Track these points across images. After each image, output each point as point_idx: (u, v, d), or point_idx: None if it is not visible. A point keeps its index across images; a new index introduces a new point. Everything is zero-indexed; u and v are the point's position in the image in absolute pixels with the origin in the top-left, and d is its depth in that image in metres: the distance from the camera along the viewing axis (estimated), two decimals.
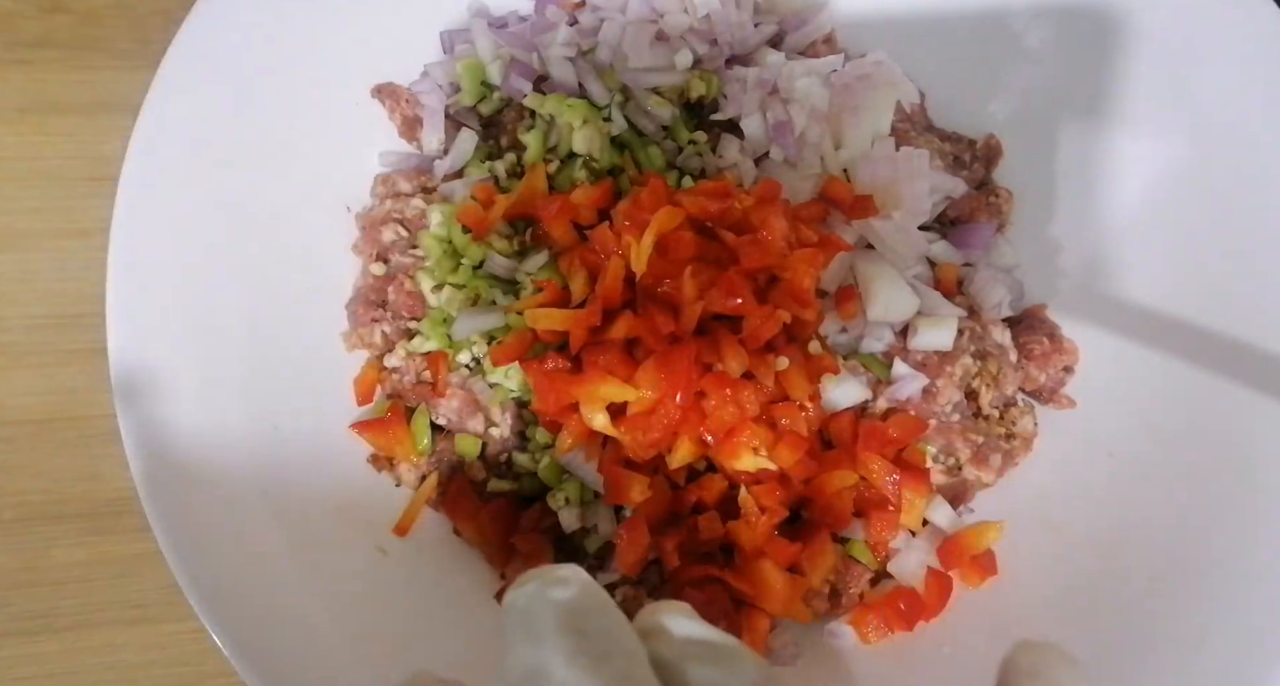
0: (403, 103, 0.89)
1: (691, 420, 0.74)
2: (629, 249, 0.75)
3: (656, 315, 0.74)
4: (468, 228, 0.83)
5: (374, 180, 0.88)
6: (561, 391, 0.74)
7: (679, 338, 0.74)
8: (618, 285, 0.76)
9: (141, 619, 0.82)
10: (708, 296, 0.75)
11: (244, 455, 0.74)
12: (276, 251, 0.81)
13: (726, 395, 0.73)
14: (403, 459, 0.80)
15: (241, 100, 0.80)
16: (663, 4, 0.91)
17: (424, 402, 0.81)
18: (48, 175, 0.92)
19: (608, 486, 0.76)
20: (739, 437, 0.74)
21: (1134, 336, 0.83)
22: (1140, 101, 0.86)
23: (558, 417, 0.76)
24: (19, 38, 0.96)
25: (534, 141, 0.86)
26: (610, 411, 0.74)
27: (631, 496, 0.75)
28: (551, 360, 0.76)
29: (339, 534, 0.76)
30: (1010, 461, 0.83)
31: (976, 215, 0.90)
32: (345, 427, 0.80)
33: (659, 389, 0.72)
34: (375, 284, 0.84)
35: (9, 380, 0.87)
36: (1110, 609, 0.75)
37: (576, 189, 0.83)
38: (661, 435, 0.73)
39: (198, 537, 0.69)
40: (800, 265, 0.77)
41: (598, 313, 0.75)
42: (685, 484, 0.77)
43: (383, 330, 0.82)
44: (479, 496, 0.80)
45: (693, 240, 0.76)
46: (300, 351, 0.81)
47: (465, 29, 0.92)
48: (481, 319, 0.80)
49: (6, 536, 0.83)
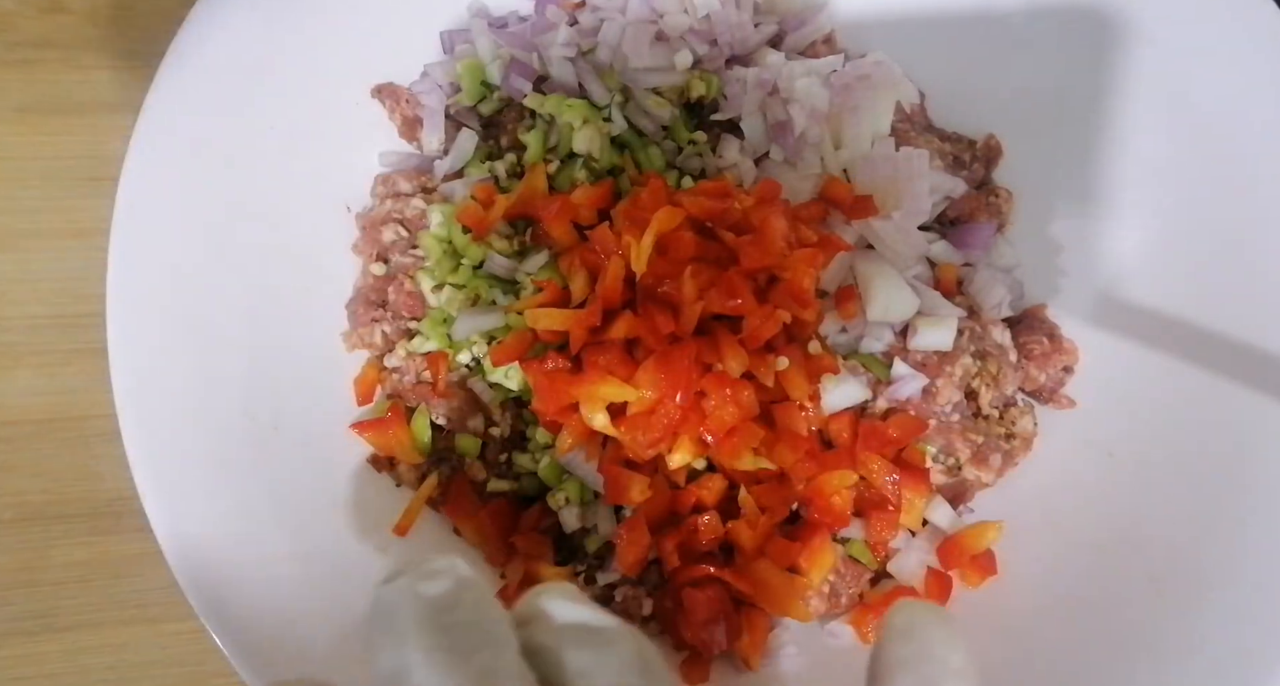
0: (403, 103, 0.89)
1: (691, 420, 0.74)
2: (629, 249, 0.75)
3: (656, 315, 0.74)
4: (468, 228, 0.83)
5: (374, 180, 0.88)
6: (561, 391, 0.74)
7: (679, 337, 0.74)
8: (618, 285, 0.76)
9: (141, 619, 0.82)
10: (708, 296, 0.75)
11: (244, 455, 0.74)
12: (277, 251, 0.81)
13: (726, 395, 0.73)
14: (403, 459, 0.80)
15: (241, 100, 0.80)
16: (663, 4, 0.91)
17: (424, 402, 0.81)
18: (48, 175, 0.92)
19: (608, 486, 0.76)
20: (739, 437, 0.74)
21: (1134, 336, 0.83)
22: (1140, 101, 0.86)
23: (558, 418, 0.76)
24: (19, 38, 0.96)
25: (534, 141, 0.86)
26: (610, 411, 0.74)
27: (631, 496, 0.75)
28: (551, 360, 0.76)
29: (339, 534, 0.76)
30: (1010, 461, 0.83)
31: (976, 215, 0.90)
32: (345, 428, 0.80)
33: (659, 389, 0.72)
34: (375, 284, 0.84)
35: (9, 380, 0.87)
36: (1110, 609, 0.75)
37: (576, 189, 0.83)
38: (661, 435, 0.73)
39: (198, 538, 0.69)
40: (800, 265, 0.77)
41: (598, 313, 0.75)
42: (685, 484, 0.77)
43: (383, 330, 0.82)
44: (479, 496, 0.80)
45: (692, 240, 0.76)
46: (300, 352, 0.81)
47: (465, 29, 0.92)
48: (481, 319, 0.81)
49: (6, 536, 0.83)
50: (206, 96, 0.78)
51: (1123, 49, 0.86)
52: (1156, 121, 0.85)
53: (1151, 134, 0.86)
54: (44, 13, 0.97)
